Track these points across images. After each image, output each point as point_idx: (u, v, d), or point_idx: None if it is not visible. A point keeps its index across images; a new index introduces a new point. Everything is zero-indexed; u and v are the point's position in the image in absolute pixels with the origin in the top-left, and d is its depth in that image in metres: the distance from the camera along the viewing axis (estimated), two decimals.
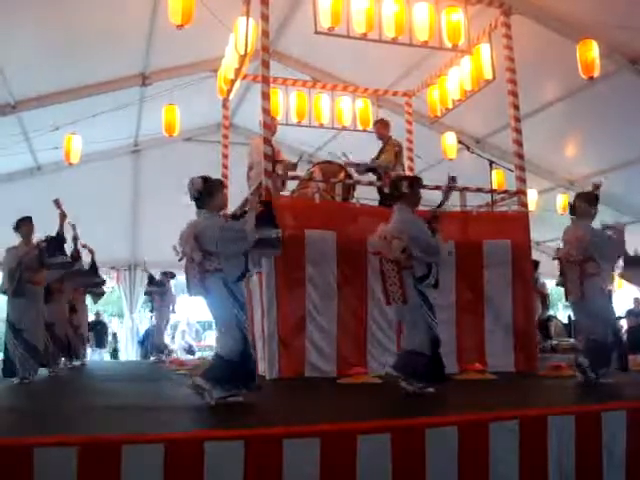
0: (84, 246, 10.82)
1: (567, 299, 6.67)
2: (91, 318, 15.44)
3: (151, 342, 14.62)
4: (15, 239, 8.01)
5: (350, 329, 7.77)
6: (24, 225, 8.02)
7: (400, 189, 5.86)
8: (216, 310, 5.11)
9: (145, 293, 14.87)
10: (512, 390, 6.42)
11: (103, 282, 11.99)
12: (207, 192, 5.10)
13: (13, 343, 7.60)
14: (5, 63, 10.53)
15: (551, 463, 3.99)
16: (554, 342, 14.01)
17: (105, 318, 20.06)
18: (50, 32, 10.23)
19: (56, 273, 8.56)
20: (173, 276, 13.28)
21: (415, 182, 6.04)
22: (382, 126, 9.67)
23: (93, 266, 11.27)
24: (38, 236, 8.13)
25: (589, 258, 6.40)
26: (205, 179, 5.13)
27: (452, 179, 6.16)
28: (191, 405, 4.99)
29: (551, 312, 16.29)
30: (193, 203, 5.16)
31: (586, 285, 6.36)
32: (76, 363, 10.85)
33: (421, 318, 5.59)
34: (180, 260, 5.13)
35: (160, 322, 13.71)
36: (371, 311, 7.85)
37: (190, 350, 18.37)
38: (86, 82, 12.16)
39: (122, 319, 19.22)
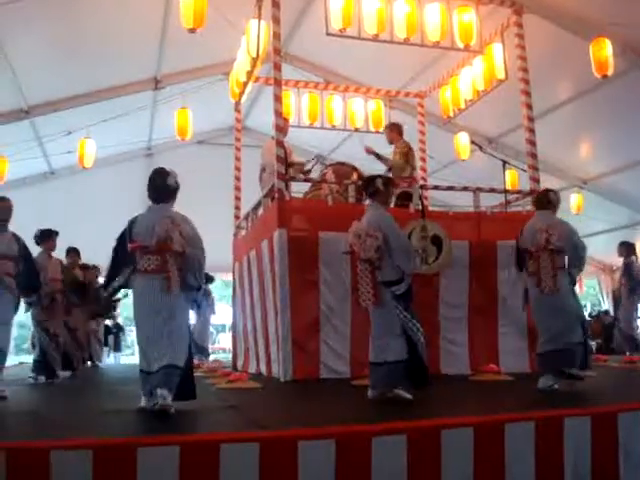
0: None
1: (542, 291, 6.45)
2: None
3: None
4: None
5: (364, 331, 7.72)
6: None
7: (376, 186, 5.82)
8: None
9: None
10: (527, 391, 6.38)
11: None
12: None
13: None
14: (18, 69, 10.59)
15: (567, 464, 3.97)
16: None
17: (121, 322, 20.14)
18: (62, 37, 10.28)
19: None
20: (211, 279, 13.44)
21: (390, 182, 6.05)
22: (390, 131, 9.62)
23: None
24: None
25: (561, 250, 6.33)
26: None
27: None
28: (206, 408, 5.00)
29: None
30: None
31: (559, 277, 6.25)
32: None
33: (395, 321, 5.46)
34: None
35: (206, 323, 13.89)
36: None
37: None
38: (99, 87, 12.22)
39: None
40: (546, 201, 6.66)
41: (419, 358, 5.46)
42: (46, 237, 8.50)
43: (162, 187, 5.20)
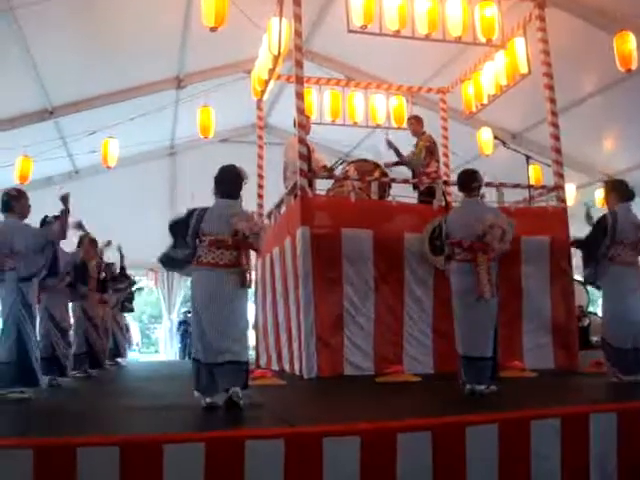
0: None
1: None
2: None
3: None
4: None
5: (387, 327, 7.76)
6: None
7: (480, 181, 5.83)
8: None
9: None
10: (553, 387, 6.35)
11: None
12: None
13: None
14: (42, 70, 10.70)
15: (593, 461, 3.95)
16: (594, 338, 13.83)
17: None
18: (86, 38, 10.35)
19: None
20: None
21: None
22: (415, 122, 9.65)
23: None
24: None
25: (615, 242, 6.33)
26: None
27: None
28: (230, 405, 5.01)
29: (591, 308, 16.10)
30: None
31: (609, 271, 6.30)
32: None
33: (495, 315, 5.56)
34: None
35: None
36: (408, 309, 7.83)
37: None
38: (122, 86, 12.31)
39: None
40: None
41: (495, 352, 5.58)
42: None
43: (234, 183, 5.16)
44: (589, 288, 15.38)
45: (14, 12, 8.92)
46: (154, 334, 34.09)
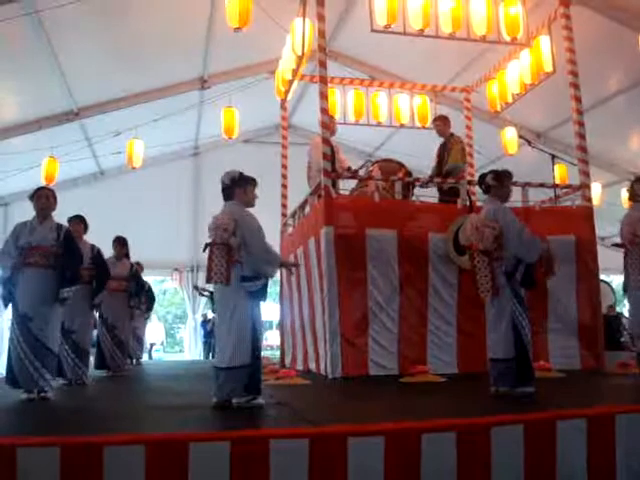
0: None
1: (624, 287, 6.46)
2: None
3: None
4: None
5: (412, 327, 7.74)
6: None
7: (486, 183, 5.83)
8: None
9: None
10: (579, 388, 6.30)
11: None
12: (240, 184, 5.23)
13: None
14: (68, 71, 10.80)
15: (619, 462, 3.91)
16: (622, 339, 13.72)
17: None
18: (110, 40, 10.45)
19: None
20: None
21: (502, 175, 5.93)
22: (442, 122, 9.59)
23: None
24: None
25: None
26: (241, 173, 5.27)
27: None
28: (255, 403, 5.02)
29: (618, 309, 15.97)
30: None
31: None
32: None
33: (508, 314, 5.47)
34: (208, 246, 5.01)
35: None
36: (433, 309, 7.80)
37: None
38: (146, 87, 12.41)
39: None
40: (630, 192, 6.67)
41: (526, 354, 5.48)
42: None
43: (224, 187, 5.28)
44: (615, 288, 15.36)
45: (40, 15, 9.02)
46: (179, 334, 34.33)
